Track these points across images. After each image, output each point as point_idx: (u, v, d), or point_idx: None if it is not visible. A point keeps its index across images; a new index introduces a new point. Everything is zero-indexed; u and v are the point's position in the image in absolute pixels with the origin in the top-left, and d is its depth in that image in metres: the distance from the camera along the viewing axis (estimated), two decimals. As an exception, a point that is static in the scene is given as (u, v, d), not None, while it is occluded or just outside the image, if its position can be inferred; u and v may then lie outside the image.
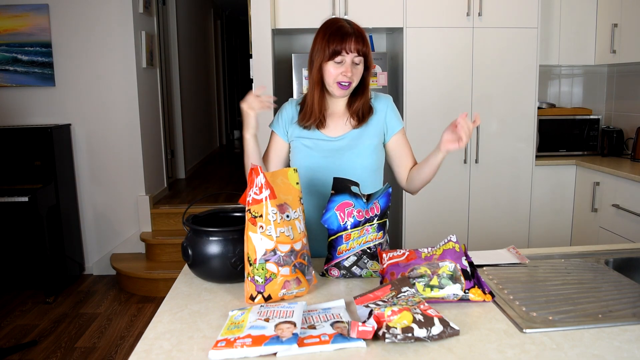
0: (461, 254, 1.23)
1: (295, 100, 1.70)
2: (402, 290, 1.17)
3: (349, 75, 1.52)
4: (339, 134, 1.64)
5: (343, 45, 1.50)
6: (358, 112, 1.63)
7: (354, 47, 1.50)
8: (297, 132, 1.65)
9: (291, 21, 3.34)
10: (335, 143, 1.63)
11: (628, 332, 1.09)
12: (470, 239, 3.51)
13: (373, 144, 1.65)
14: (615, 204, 3.08)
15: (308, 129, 1.63)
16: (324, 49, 1.52)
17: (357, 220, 1.37)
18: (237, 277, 1.34)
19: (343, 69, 1.52)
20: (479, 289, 1.21)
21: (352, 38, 1.50)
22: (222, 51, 9.22)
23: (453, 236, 1.27)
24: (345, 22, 1.55)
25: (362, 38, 1.52)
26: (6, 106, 3.94)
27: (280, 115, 1.68)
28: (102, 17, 3.90)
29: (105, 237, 4.14)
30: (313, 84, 1.58)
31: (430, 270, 1.21)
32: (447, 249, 1.25)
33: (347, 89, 1.55)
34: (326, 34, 1.53)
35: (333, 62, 1.52)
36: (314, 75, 1.57)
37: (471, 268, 1.23)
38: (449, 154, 1.60)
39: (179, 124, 5.82)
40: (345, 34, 1.50)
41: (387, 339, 1.00)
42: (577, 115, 3.64)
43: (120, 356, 2.83)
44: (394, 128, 1.68)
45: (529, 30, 3.35)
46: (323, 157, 1.62)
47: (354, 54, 1.51)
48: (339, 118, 1.65)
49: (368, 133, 1.64)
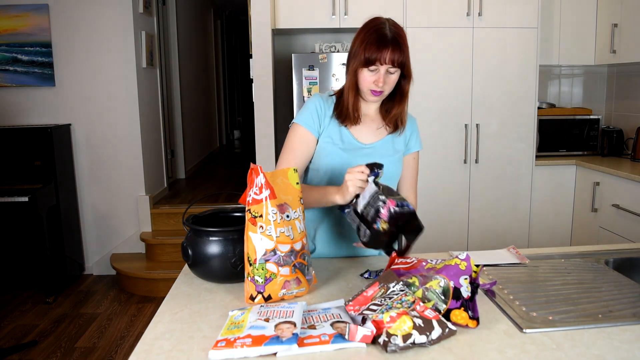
0: (462, 273, 1.17)
1: (324, 96, 1.63)
2: (390, 286, 1.16)
3: (380, 85, 1.48)
4: (372, 141, 1.60)
5: (378, 54, 1.45)
6: (396, 120, 1.60)
7: (389, 59, 1.45)
8: (329, 131, 1.58)
9: (291, 21, 3.34)
10: (367, 150, 1.59)
11: (628, 332, 1.09)
12: (470, 239, 3.51)
13: (399, 156, 1.63)
14: (615, 204, 3.08)
15: (341, 127, 1.58)
16: (360, 55, 1.47)
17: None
18: (237, 277, 1.33)
19: (376, 78, 1.48)
20: (465, 311, 1.13)
21: (388, 48, 1.45)
22: (222, 51, 9.22)
23: (463, 254, 1.22)
24: (387, 27, 1.49)
25: (399, 47, 1.47)
26: (6, 106, 3.94)
27: (312, 109, 1.58)
28: (102, 17, 3.90)
29: (105, 237, 4.14)
30: (348, 86, 1.55)
31: (419, 282, 1.19)
32: (449, 264, 1.20)
33: (378, 96, 1.52)
34: (365, 39, 1.48)
35: (367, 70, 1.48)
36: (349, 78, 1.54)
37: (472, 290, 1.16)
38: (450, 154, 1.59)
39: (179, 124, 5.82)
40: (382, 42, 1.45)
41: (390, 349, 0.99)
42: (577, 115, 3.64)
43: (120, 356, 2.83)
44: (415, 147, 1.68)
45: (529, 30, 3.35)
46: (355, 162, 1.53)
47: (388, 65, 1.46)
48: (371, 121, 1.62)
49: (398, 144, 1.63)
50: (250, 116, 10.78)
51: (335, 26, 3.36)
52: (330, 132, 1.58)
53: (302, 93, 3.35)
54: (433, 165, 3.38)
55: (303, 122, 1.57)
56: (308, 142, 1.58)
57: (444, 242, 3.44)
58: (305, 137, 1.57)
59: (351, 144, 1.58)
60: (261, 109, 3.32)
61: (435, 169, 3.39)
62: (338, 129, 1.58)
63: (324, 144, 1.57)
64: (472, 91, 3.39)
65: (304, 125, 1.57)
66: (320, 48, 3.58)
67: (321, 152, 1.58)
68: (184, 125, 5.98)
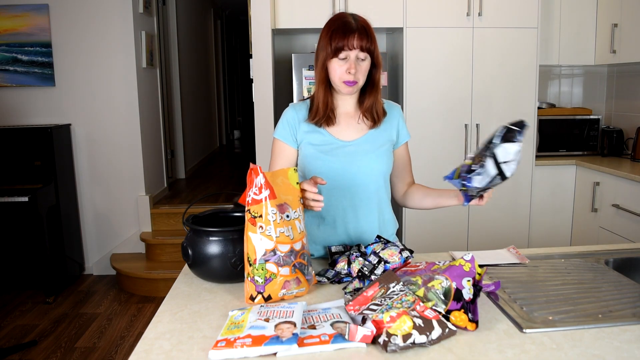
0: (465, 274, 1.16)
1: (298, 104, 1.64)
2: (390, 287, 1.16)
3: (352, 71, 1.47)
4: (354, 138, 1.58)
5: (345, 41, 1.45)
6: (372, 112, 1.58)
7: (357, 43, 1.45)
8: (308, 137, 1.58)
9: (291, 21, 3.34)
10: (350, 148, 1.57)
11: (628, 332, 1.09)
12: (470, 239, 3.51)
13: (387, 149, 1.61)
14: (615, 204, 3.07)
15: (319, 127, 1.57)
16: (327, 46, 1.48)
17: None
18: (237, 277, 1.33)
19: (347, 66, 1.47)
20: (465, 313, 1.11)
21: (355, 34, 1.45)
22: (222, 51, 9.22)
23: (468, 255, 1.20)
24: (350, 17, 1.50)
25: (366, 34, 1.46)
26: (6, 106, 3.94)
27: (284, 122, 1.60)
28: (102, 17, 3.90)
29: (105, 237, 4.14)
30: (318, 82, 1.54)
31: (421, 280, 1.18)
32: (454, 265, 1.19)
33: (353, 86, 1.51)
34: (330, 30, 1.48)
35: (337, 59, 1.47)
36: (318, 73, 1.53)
37: (475, 293, 1.15)
38: (450, 154, 1.59)
39: (179, 124, 5.82)
40: (348, 29, 1.45)
41: (390, 349, 0.99)
42: (577, 115, 3.64)
43: (120, 356, 2.83)
44: (404, 138, 1.67)
45: (529, 30, 3.35)
46: (339, 162, 1.56)
47: (357, 50, 1.46)
48: (350, 118, 1.60)
49: (382, 137, 1.61)
50: (250, 116, 10.78)
51: (335, 26, 3.35)
52: (309, 138, 1.58)
53: (302, 93, 3.35)
54: (433, 165, 3.37)
55: (279, 136, 1.61)
56: (287, 154, 1.61)
57: (444, 242, 3.44)
58: (283, 149, 1.61)
59: (332, 143, 1.57)
60: (261, 109, 3.32)
61: (435, 169, 3.39)
62: (317, 132, 1.58)
63: (305, 150, 1.58)
64: (472, 91, 3.39)
65: (280, 138, 1.61)
66: (320, 48, 3.57)
67: (304, 158, 1.60)
68: (184, 126, 5.98)
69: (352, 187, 1.57)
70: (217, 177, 6.00)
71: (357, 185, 1.57)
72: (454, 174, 1.34)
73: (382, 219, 1.65)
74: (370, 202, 1.61)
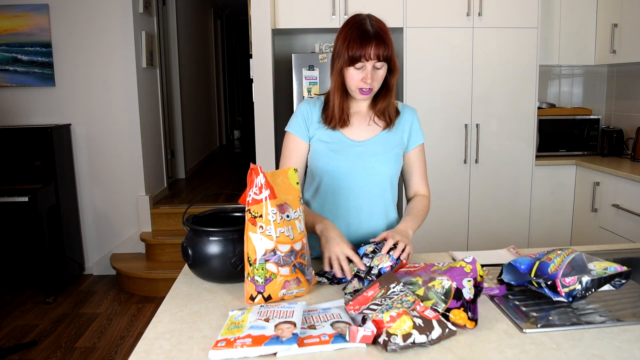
0: (466, 275, 1.17)
1: (312, 100, 1.63)
2: (390, 287, 1.16)
3: (368, 82, 1.46)
4: (365, 138, 1.58)
5: (362, 51, 1.42)
6: (384, 113, 1.58)
7: (374, 54, 1.43)
8: (319, 133, 1.58)
9: (291, 21, 3.34)
10: (360, 148, 1.57)
11: (628, 332, 1.09)
12: (470, 239, 3.51)
13: (397, 152, 1.60)
14: (615, 204, 3.08)
15: (332, 130, 1.57)
16: (344, 54, 1.46)
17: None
18: (237, 277, 1.34)
19: (363, 75, 1.46)
20: (464, 312, 1.11)
21: (372, 43, 1.42)
22: (222, 51, 9.22)
23: (469, 257, 1.22)
24: (368, 22, 1.47)
25: (383, 41, 1.44)
26: (6, 106, 3.94)
27: (299, 116, 1.60)
28: (102, 17, 3.90)
29: (105, 237, 4.14)
30: (334, 88, 1.53)
31: (421, 280, 1.18)
32: (454, 266, 1.20)
33: (368, 94, 1.51)
34: (347, 38, 1.46)
35: (353, 68, 1.46)
36: (334, 79, 1.52)
37: (475, 293, 1.15)
38: (450, 154, 1.59)
39: (179, 124, 5.82)
40: (365, 38, 1.43)
41: (390, 348, 0.99)
42: (577, 115, 3.64)
43: (120, 356, 2.83)
44: (418, 140, 1.66)
45: (529, 30, 3.35)
46: (347, 161, 1.56)
47: (374, 61, 1.44)
48: (362, 118, 1.60)
49: (394, 140, 1.60)
50: (250, 116, 10.79)
51: (336, 26, 3.36)
52: (320, 135, 1.58)
53: (302, 93, 3.35)
54: (433, 165, 3.37)
55: (292, 130, 1.61)
56: (300, 148, 1.60)
57: (443, 242, 3.44)
58: (296, 143, 1.60)
59: (343, 142, 1.57)
60: (261, 109, 3.32)
61: (436, 169, 3.39)
62: (329, 130, 1.58)
63: (315, 146, 1.58)
64: (472, 91, 3.39)
65: (293, 133, 1.60)
66: (320, 48, 3.58)
67: (313, 154, 1.60)
68: (184, 126, 5.98)
69: (356, 188, 1.57)
70: (217, 177, 6.00)
71: (362, 186, 1.58)
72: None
73: (388, 221, 1.65)
74: (373, 204, 1.61)
